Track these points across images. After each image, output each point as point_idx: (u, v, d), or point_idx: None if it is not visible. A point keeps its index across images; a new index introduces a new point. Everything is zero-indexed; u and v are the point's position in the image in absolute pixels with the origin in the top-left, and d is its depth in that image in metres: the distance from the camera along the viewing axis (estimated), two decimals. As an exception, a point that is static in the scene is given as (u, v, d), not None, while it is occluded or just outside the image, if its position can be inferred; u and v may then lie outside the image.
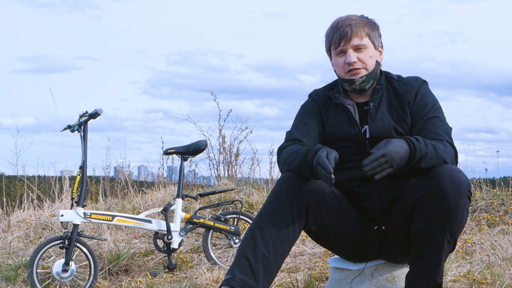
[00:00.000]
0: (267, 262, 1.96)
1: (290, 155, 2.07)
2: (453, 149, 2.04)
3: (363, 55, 2.13)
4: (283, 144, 2.17)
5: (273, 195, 2.03)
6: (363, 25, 2.14)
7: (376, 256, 2.22)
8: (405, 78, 2.21)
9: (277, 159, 2.19)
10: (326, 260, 3.35)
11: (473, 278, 2.64)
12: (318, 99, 2.26)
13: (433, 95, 2.18)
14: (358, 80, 2.13)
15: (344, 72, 2.15)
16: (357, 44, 2.12)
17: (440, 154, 1.95)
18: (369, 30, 2.15)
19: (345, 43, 2.12)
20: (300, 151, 2.03)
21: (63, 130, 3.41)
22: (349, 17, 2.17)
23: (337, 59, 2.16)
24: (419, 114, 2.12)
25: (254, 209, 4.60)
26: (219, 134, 6.75)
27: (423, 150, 1.91)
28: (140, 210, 4.79)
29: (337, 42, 2.13)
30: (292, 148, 2.10)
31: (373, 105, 2.16)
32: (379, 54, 2.19)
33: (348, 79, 2.15)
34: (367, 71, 2.14)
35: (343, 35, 2.12)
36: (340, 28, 2.13)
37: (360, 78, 2.13)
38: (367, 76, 2.14)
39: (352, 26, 2.12)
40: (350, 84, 2.15)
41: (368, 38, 2.15)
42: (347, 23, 2.13)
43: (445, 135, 2.06)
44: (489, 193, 4.62)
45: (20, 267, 3.51)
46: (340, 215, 2.11)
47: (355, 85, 2.15)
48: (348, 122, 2.17)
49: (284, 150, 2.13)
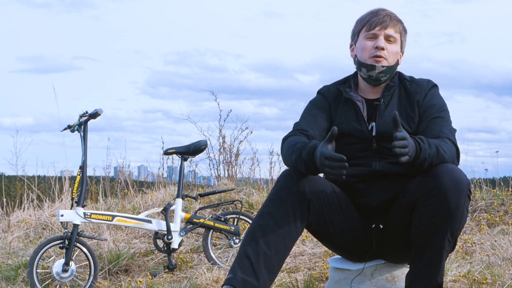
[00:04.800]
0: (269, 261, 1.96)
1: (289, 149, 2.07)
2: (455, 148, 2.04)
3: (391, 47, 2.16)
4: (288, 134, 2.18)
5: (273, 193, 2.03)
6: (399, 22, 2.19)
7: (375, 256, 2.22)
8: (417, 79, 2.23)
9: (280, 149, 2.19)
10: (326, 260, 3.35)
11: (473, 278, 2.64)
12: (328, 95, 2.27)
13: (442, 98, 2.20)
14: (379, 68, 2.14)
15: (369, 56, 2.15)
16: (390, 35, 2.15)
17: (441, 155, 1.95)
18: (403, 30, 2.21)
19: (381, 28, 2.15)
20: (297, 145, 2.02)
21: (63, 130, 3.41)
22: (389, 10, 2.21)
23: (365, 41, 2.17)
24: (426, 113, 2.13)
25: (254, 209, 4.60)
26: (219, 134, 6.75)
27: (427, 152, 1.90)
28: (140, 210, 4.79)
29: (373, 25, 2.15)
30: (293, 140, 2.09)
31: (383, 101, 2.17)
32: (401, 55, 2.23)
33: (369, 64, 2.15)
34: (388, 63, 2.15)
35: (381, 21, 2.15)
36: (379, 15, 2.17)
37: (382, 67, 2.14)
38: (387, 68, 2.15)
39: (391, 17, 2.17)
40: (369, 69, 2.15)
41: (400, 35, 2.19)
42: (387, 13, 2.18)
43: (449, 134, 2.06)
44: (489, 193, 4.62)
45: (20, 267, 3.51)
46: (340, 212, 2.11)
47: (374, 72, 2.15)
48: (356, 118, 2.18)
49: (286, 141, 2.13)
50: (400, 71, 2.26)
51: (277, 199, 2.01)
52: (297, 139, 2.09)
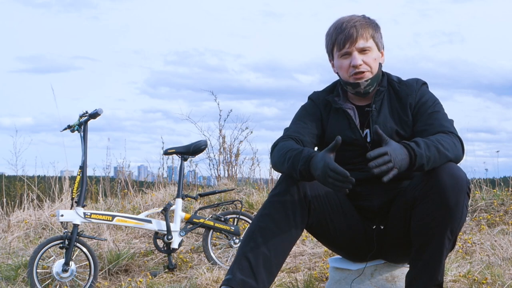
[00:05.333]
0: (268, 262, 1.96)
1: (280, 157, 2.02)
2: (459, 140, 2.00)
3: (368, 58, 2.09)
4: (277, 140, 2.13)
5: (273, 195, 2.02)
6: (367, 26, 2.10)
7: (376, 256, 2.22)
8: (405, 80, 2.19)
9: (270, 156, 2.15)
10: (326, 260, 3.35)
11: (473, 278, 2.64)
12: (319, 102, 2.23)
13: (432, 94, 2.17)
14: (363, 84, 2.10)
15: (349, 75, 2.11)
16: (362, 47, 2.08)
17: (443, 154, 1.90)
18: (373, 32, 2.12)
19: (350, 45, 2.08)
20: (288, 154, 1.98)
21: (63, 130, 3.41)
22: (352, 18, 2.12)
23: (341, 61, 2.12)
24: (420, 111, 2.10)
25: (254, 209, 4.60)
26: (219, 134, 6.76)
27: (425, 155, 1.86)
28: (140, 210, 4.79)
29: (342, 43, 2.09)
30: (282, 147, 2.04)
31: (375, 107, 2.14)
32: (381, 56, 2.17)
33: (352, 83, 2.11)
34: (371, 74, 2.11)
35: (348, 37, 2.07)
36: (345, 29, 2.08)
37: (366, 81, 2.10)
38: (371, 79, 2.11)
39: (357, 27, 2.08)
40: (355, 87, 2.12)
41: (373, 40, 2.11)
42: (351, 24, 2.08)
43: (450, 127, 2.03)
44: (489, 193, 4.62)
45: (20, 267, 3.51)
46: (341, 213, 2.10)
47: (360, 89, 2.11)
48: (348, 127, 2.15)
49: (276, 148, 2.09)
50: (388, 72, 2.22)
51: (277, 201, 2.00)
52: (286, 145, 2.04)
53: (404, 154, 1.84)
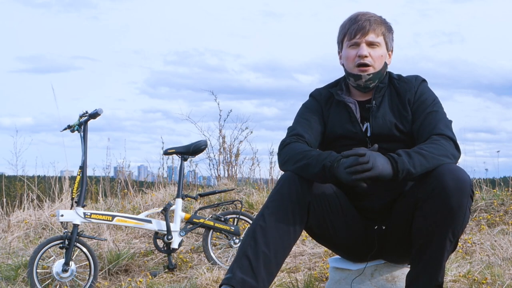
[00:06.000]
0: (268, 262, 1.96)
1: (296, 154, 2.04)
2: (452, 142, 2.01)
3: (375, 52, 2.14)
4: (286, 139, 2.14)
5: (274, 194, 2.02)
6: (381, 23, 2.17)
7: (376, 256, 2.22)
8: (405, 77, 2.22)
9: (278, 152, 2.15)
10: (326, 260, 3.35)
11: (473, 278, 2.64)
12: (320, 98, 2.26)
13: (432, 92, 2.19)
14: (365, 77, 2.14)
15: (354, 66, 2.15)
16: (371, 40, 2.14)
17: (429, 156, 1.92)
18: (385, 30, 2.18)
19: (361, 36, 2.13)
20: (312, 153, 2.01)
21: (63, 130, 3.41)
22: (369, 13, 2.19)
23: (349, 51, 2.16)
24: (419, 110, 2.12)
25: (254, 209, 4.60)
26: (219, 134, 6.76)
27: (407, 161, 1.89)
28: (140, 210, 4.79)
29: (353, 33, 2.14)
30: (298, 146, 2.07)
31: (375, 103, 2.17)
32: (388, 56, 2.21)
33: (355, 74, 2.15)
34: (374, 69, 2.14)
35: (360, 28, 2.13)
36: (358, 21, 2.15)
37: (368, 75, 2.14)
38: (374, 74, 2.15)
39: (371, 21, 2.15)
40: (356, 79, 2.15)
41: (383, 37, 2.17)
42: (366, 18, 2.15)
43: (444, 129, 2.05)
44: (489, 193, 4.62)
45: (20, 267, 3.51)
46: (341, 214, 2.11)
47: (361, 81, 2.15)
48: (349, 120, 2.17)
49: (288, 147, 2.10)
50: (390, 70, 2.25)
51: (277, 201, 2.00)
52: (303, 146, 2.07)
53: (384, 160, 1.88)
